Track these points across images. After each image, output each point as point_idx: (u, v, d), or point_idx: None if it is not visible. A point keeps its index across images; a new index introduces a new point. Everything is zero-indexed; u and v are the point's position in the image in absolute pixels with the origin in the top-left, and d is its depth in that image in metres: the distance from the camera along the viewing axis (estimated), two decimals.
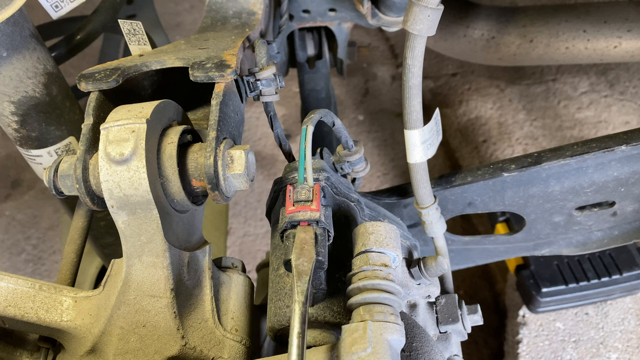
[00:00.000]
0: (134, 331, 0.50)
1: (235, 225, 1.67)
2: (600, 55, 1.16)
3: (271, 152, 1.76)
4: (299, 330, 0.40)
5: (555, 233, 0.77)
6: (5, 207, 1.75)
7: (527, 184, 0.68)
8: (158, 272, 0.49)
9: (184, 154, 0.50)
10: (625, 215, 0.75)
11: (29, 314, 0.50)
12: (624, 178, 0.68)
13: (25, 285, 0.51)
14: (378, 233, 0.48)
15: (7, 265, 1.63)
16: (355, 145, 0.59)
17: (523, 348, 1.23)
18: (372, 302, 0.44)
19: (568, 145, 0.66)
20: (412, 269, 0.57)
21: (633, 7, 1.13)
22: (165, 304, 0.49)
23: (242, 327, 0.55)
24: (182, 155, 0.50)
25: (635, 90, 1.65)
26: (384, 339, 0.41)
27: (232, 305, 0.55)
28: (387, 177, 1.72)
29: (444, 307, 0.58)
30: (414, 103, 0.55)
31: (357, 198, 0.56)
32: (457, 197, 0.70)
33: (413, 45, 0.52)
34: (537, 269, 1.22)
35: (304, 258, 0.45)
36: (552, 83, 1.71)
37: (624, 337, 1.22)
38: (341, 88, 1.92)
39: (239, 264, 0.60)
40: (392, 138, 1.80)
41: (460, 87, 1.77)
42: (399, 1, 0.89)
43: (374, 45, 2.02)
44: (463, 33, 1.19)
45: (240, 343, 0.53)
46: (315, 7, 1.00)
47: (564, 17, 1.15)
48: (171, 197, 0.49)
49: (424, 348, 0.48)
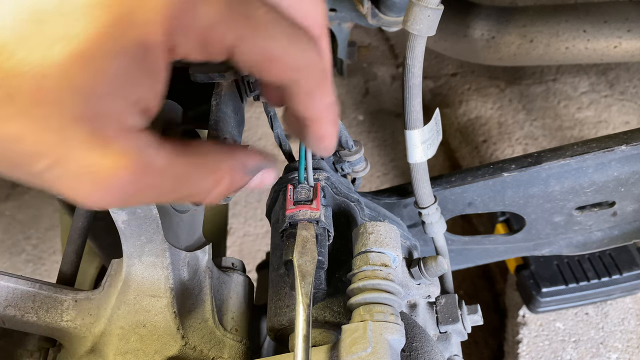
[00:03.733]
0: (134, 331, 0.50)
1: (235, 225, 1.68)
2: (600, 55, 1.16)
3: (271, 152, 1.75)
4: (305, 333, 0.40)
5: (556, 233, 0.77)
6: (5, 207, 1.75)
7: (527, 184, 0.68)
8: (158, 272, 0.49)
9: None
10: (625, 215, 0.75)
11: (29, 314, 0.50)
12: (624, 178, 0.68)
13: (25, 285, 0.51)
14: (378, 233, 0.48)
15: (7, 265, 1.63)
16: (355, 146, 0.59)
17: (523, 348, 1.23)
18: (372, 302, 0.44)
19: (568, 145, 0.66)
20: (412, 269, 0.57)
21: (633, 7, 1.13)
22: (165, 304, 0.49)
23: (242, 327, 0.55)
24: None
25: (635, 90, 1.65)
26: (384, 338, 0.41)
27: (232, 305, 0.56)
28: (387, 177, 1.73)
29: (444, 307, 0.58)
30: (414, 103, 0.55)
31: (357, 198, 0.56)
32: (457, 197, 0.70)
33: (413, 45, 0.52)
34: (537, 269, 1.23)
35: (306, 257, 0.45)
36: (552, 83, 1.71)
37: (624, 337, 1.22)
38: (341, 88, 1.92)
39: (239, 264, 0.60)
40: (392, 138, 1.80)
41: (460, 87, 1.77)
42: (399, 1, 0.89)
43: (374, 45, 2.02)
44: (463, 33, 1.19)
45: (240, 343, 0.53)
46: None
47: (564, 17, 1.15)
48: None
49: (424, 348, 0.48)
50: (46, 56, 0.26)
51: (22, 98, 0.26)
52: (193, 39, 0.29)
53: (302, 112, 0.38)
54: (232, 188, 0.36)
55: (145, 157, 0.30)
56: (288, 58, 0.33)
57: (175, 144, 0.32)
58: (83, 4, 0.26)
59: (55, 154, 0.28)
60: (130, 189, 0.30)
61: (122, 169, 0.29)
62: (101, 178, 0.29)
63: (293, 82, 0.35)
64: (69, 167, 0.28)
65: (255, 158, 0.38)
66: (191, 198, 0.34)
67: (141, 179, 0.30)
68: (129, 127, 0.29)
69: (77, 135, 0.27)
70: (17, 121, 0.27)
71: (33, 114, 0.27)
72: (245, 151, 0.38)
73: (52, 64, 0.26)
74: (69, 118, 0.27)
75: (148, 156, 0.30)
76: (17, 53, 0.26)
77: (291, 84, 0.35)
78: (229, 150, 0.36)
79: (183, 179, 0.32)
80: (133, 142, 0.29)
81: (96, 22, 0.26)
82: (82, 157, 0.28)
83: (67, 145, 0.28)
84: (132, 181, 0.29)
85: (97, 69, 0.27)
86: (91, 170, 0.28)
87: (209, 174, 0.34)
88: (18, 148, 0.27)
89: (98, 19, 0.26)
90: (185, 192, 0.33)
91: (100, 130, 0.28)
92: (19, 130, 0.27)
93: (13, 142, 0.27)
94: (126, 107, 0.29)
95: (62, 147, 0.27)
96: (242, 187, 0.38)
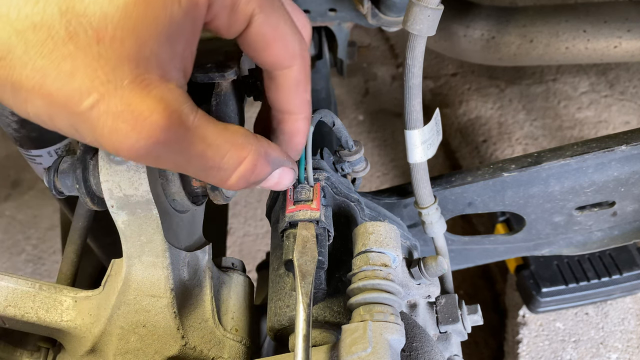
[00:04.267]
0: (134, 331, 0.50)
1: (235, 225, 1.67)
2: (600, 55, 1.16)
3: None
4: (305, 333, 0.40)
5: (556, 233, 0.77)
6: (5, 207, 1.75)
7: (527, 184, 0.68)
8: (158, 272, 0.49)
9: None
10: (625, 215, 0.75)
11: (29, 314, 0.50)
12: (624, 178, 0.68)
13: (25, 285, 0.51)
14: (378, 233, 0.48)
15: (7, 265, 1.63)
16: (356, 146, 0.59)
17: (523, 348, 1.23)
18: (372, 302, 0.44)
19: (568, 145, 0.66)
20: (412, 269, 0.57)
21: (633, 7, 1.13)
22: (165, 304, 0.49)
23: (242, 327, 0.55)
24: None
25: (635, 90, 1.65)
26: (384, 338, 0.41)
27: (232, 305, 0.55)
28: (387, 177, 1.72)
29: (444, 307, 0.58)
30: (414, 103, 0.55)
31: (357, 198, 0.56)
32: (457, 197, 0.70)
33: (413, 45, 0.52)
34: (537, 269, 1.23)
35: (306, 257, 0.45)
36: (552, 83, 1.71)
37: (624, 337, 1.22)
38: (341, 88, 1.92)
39: (239, 264, 0.60)
40: (392, 138, 1.80)
41: (460, 87, 1.77)
42: (399, 1, 0.89)
43: (374, 45, 2.02)
44: (463, 33, 1.19)
45: (240, 343, 0.53)
46: (315, 7, 1.00)
47: (564, 17, 1.15)
48: (171, 197, 0.49)
49: (424, 348, 0.48)
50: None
51: (84, 36, 0.29)
52: (226, 1, 0.33)
53: (284, 103, 0.41)
54: (253, 174, 0.37)
55: (180, 111, 0.32)
56: (290, 42, 0.37)
57: (207, 114, 0.34)
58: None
59: (102, 91, 0.30)
60: (162, 138, 0.31)
61: (158, 113, 0.30)
62: (138, 119, 0.30)
63: (286, 68, 0.38)
64: (111, 105, 0.30)
65: (278, 150, 0.40)
66: (213, 172, 0.35)
67: (173, 130, 0.31)
68: (169, 78, 0.31)
69: (124, 75, 0.30)
70: (74, 58, 0.29)
71: (90, 52, 0.29)
72: (269, 141, 0.39)
73: (118, 6, 0.29)
74: (121, 57, 0.29)
75: (183, 111, 0.32)
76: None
77: (284, 71, 0.38)
78: (255, 135, 0.38)
79: (210, 147, 0.34)
80: (171, 93, 0.31)
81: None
82: (125, 96, 0.30)
83: (114, 84, 0.30)
84: (165, 128, 0.31)
85: (155, 13, 0.30)
86: (131, 109, 0.30)
87: (235, 149, 0.35)
88: (70, 84, 0.29)
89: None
90: (209, 162, 0.34)
91: (145, 73, 0.30)
92: (73, 67, 0.29)
93: (66, 78, 0.29)
94: (171, 56, 0.31)
95: (109, 85, 0.29)
96: (262, 179, 0.39)
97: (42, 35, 0.28)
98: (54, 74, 0.29)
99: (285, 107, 0.41)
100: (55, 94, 0.29)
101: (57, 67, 0.29)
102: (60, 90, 0.29)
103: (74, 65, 0.29)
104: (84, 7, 0.28)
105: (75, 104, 0.30)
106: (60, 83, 0.29)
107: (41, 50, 0.28)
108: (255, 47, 0.36)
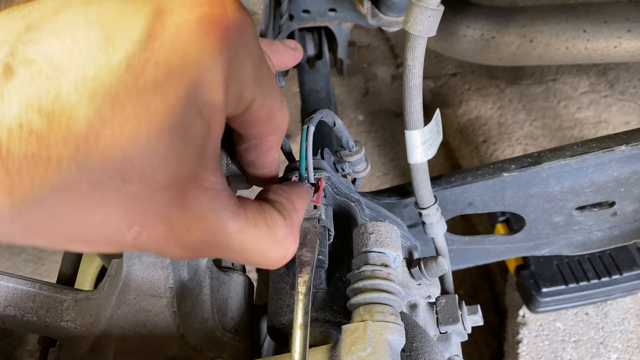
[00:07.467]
0: (134, 331, 0.50)
1: None
2: (600, 55, 1.16)
3: None
4: (302, 322, 0.40)
5: (555, 233, 0.77)
6: None
7: (527, 184, 0.68)
8: (158, 272, 0.49)
9: None
10: (625, 215, 0.75)
11: (29, 314, 0.50)
12: (624, 178, 0.68)
13: (25, 285, 0.51)
14: (378, 233, 0.48)
15: (7, 265, 1.62)
16: (356, 146, 0.59)
17: (523, 348, 1.23)
18: (372, 302, 0.44)
19: (568, 145, 0.66)
20: (412, 269, 0.57)
21: (633, 7, 1.13)
22: (165, 304, 0.49)
23: (242, 327, 0.55)
24: None
25: (635, 90, 1.65)
26: (384, 339, 0.41)
27: (232, 305, 0.55)
28: (387, 177, 1.72)
29: (444, 307, 0.58)
30: (414, 104, 0.55)
31: (357, 198, 0.56)
32: (457, 197, 0.70)
33: (413, 45, 0.52)
34: (537, 269, 1.23)
35: (306, 248, 0.45)
36: (552, 83, 1.71)
37: (624, 337, 1.22)
38: (341, 88, 1.92)
39: (239, 264, 0.60)
40: (392, 138, 1.80)
41: (460, 87, 1.77)
42: (399, 1, 0.89)
43: (374, 45, 2.02)
44: (463, 33, 1.19)
45: (240, 343, 0.53)
46: (315, 7, 1.00)
47: (564, 17, 1.15)
48: None
49: (424, 348, 0.48)
50: (133, 136, 0.26)
51: (110, 182, 0.26)
52: (235, 95, 0.32)
53: (254, 159, 0.42)
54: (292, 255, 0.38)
55: (219, 219, 0.31)
56: (277, 120, 0.37)
57: (250, 210, 0.34)
58: (155, 77, 0.26)
59: (141, 222, 0.29)
60: (201, 248, 0.32)
61: (196, 227, 0.30)
62: (177, 239, 0.30)
63: (266, 137, 0.39)
64: (153, 232, 0.30)
65: (301, 209, 0.41)
66: (256, 265, 0.36)
67: (212, 239, 0.32)
68: (207, 186, 0.30)
69: (161, 201, 0.29)
70: (103, 206, 0.27)
71: (120, 194, 0.27)
72: (292, 202, 0.40)
73: (140, 142, 0.26)
74: (155, 189, 0.28)
75: (222, 218, 0.31)
76: (101, 139, 0.25)
77: (263, 139, 0.39)
78: (295, 224, 0.38)
79: (250, 249, 0.34)
80: (211, 203, 0.31)
81: (172, 92, 0.27)
82: (164, 219, 0.29)
83: (150, 212, 0.29)
84: (203, 242, 0.31)
85: (181, 136, 0.28)
86: (171, 228, 0.30)
87: (275, 248, 0.35)
88: (106, 229, 0.28)
89: (173, 88, 0.27)
90: (249, 259, 0.35)
91: (182, 191, 0.29)
92: (105, 214, 0.27)
93: (101, 226, 0.28)
94: (203, 167, 0.30)
95: (146, 214, 0.29)
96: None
97: (64, 195, 0.26)
98: (87, 225, 0.27)
99: (255, 161, 0.42)
100: (94, 240, 0.29)
101: (90, 219, 0.27)
102: (99, 235, 0.28)
103: (106, 212, 0.27)
104: (106, 151, 0.25)
105: (118, 240, 0.29)
106: (96, 231, 0.28)
107: (68, 208, 0.26)
108: (245, 125, 0.36)
